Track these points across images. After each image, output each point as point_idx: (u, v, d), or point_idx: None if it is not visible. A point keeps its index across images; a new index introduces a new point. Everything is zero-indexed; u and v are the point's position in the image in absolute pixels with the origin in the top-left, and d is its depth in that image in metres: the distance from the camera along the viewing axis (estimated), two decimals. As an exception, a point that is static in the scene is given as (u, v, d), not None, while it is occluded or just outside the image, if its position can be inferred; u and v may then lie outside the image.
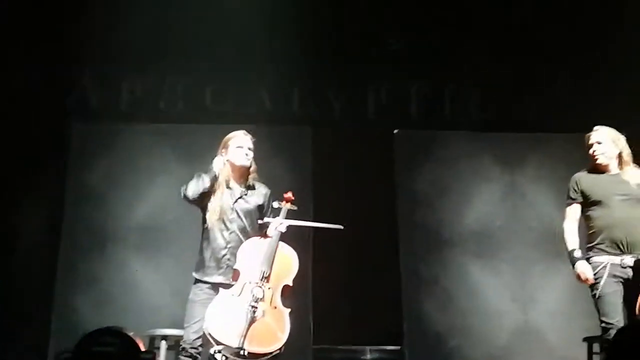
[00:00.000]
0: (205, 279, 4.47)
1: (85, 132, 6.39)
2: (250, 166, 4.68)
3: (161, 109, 6.64)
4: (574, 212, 4.61)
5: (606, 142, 4.61)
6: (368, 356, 6.07)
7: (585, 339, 4.50)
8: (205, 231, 4.59)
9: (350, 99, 6.82)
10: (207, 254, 4.53)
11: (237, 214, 4.56)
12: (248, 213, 4.59)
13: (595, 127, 4.68)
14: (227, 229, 4.53)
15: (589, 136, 4.67)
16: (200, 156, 5.56)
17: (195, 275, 4.54)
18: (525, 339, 6.05)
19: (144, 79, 6.66)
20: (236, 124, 6.21)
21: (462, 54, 6.65)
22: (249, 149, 4.67)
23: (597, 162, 4.60)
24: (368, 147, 6.53)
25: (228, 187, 4.59)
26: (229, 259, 4.47)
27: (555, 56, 6.60)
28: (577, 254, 4.47)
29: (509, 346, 6.04)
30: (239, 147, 4.64)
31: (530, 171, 6.42)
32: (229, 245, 4.50)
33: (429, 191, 6.37)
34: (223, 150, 4.66)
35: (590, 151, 4.62)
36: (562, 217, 4.64)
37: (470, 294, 6.15)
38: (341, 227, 4.63)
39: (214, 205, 4.53)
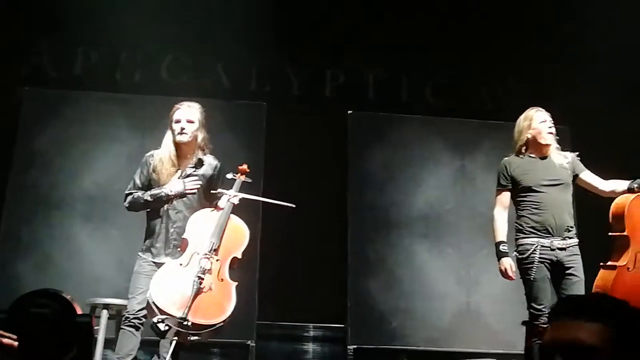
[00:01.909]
0: (153, 260, 4.39)
1: (36, 96, 6.25)
2: (195, 140, 4.48)
3: (117, 78, 6.53)
4: (504, 199, 4.63)
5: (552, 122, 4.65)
6: (311, 333, 6.12)
7: (523, 323, 4.58)
8: (151, 210, 4.49)
9: (307, 77, 6.82)
10: (154, 235, 4.45)
11: None
12: (196, 191, 4.49)
13: (536, 107, 4.68)
14: (175, 208, 4.45)
15: (537, 112, 4.65)
16: (153, 127, 5.54)
17: (141, 255, 4.46)
18: (467, 321, 6.16)
19: (100, 48, 6.54)
20: (191, 97, 6.21)
21: (420, 39, 6.70)
22: (189, 121, 4.44)
23: (547, 142, 4.59)
24: (322, 127, 6.55)
25: (174, 165, 4.45)
26: (175, 240, 4.40)
27: (509, 46, 6.68)
28: (504, 248, 4.53)
29: (451, 328, 6.14)
30: (176, 121, 4.45)
31: (480, 157, 6.51)
32: (175, 226, 4.42)
33: (380, 173, 6.41)
34: (167, 128, 4.51)
35: (544, 127, 4.59)
36: (512, 206, 4.67)
37: (415, 276, 6.23)
38: (293, 205, 4.61)
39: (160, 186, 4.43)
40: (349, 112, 6.48)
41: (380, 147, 6.46)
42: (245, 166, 4.70)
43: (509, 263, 4.51)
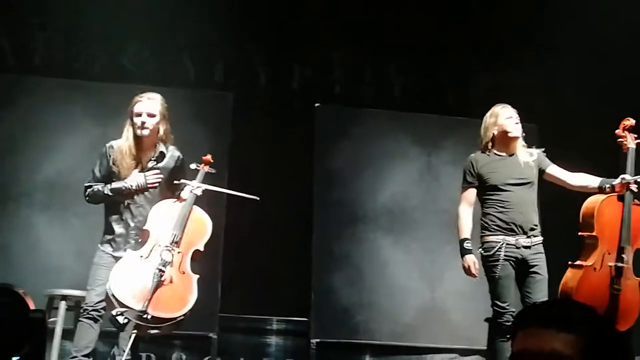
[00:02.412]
0: (112, 254, 4.31)
1: (-6, 82, 6.09)
2: (156, 133, 4.37)
3: (78, 64, 6.39)
4: (470, 196, 4.61)
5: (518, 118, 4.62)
6: (274, 326, 6.08)
7: (487, 320, 4.59)
8: (111, 203, 4.40)
9: (275, 69, 6.75)
10: (114, 229, 4.37)
11: None
12: (158, 184, 4.39)
13: (502, 104, 4.66)
14: (135, 202, 4.36)
15: (504, 108, 4.61)
16: (116, 115, 5.41)
17: (101, 247, 4.37)
18: (430, 317, 6.17)
19: (62, 34, 6.39)
20: (156, 86, 6.11)
21: (388, 34, 6.67)
22: (150, 114, 4.31)
23: (514, 134, 4.55)
24: (289, 119, 6.50)
25: (134, 158, 4.35)
26: (136, 235, 4.32)
27: (477, 42, 6.69)
28: (468, 245, 4.51)
29: (414, 323, 6.15)
30: (137, 114, 4.32)
31: (445, 153, 6.51)
32: (136, 220, 4.34)
33: (346, 167, 6.38)
34: (126, 119, 4.39)
35: (510, 123, 4.55)
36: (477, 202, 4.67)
37: (379, 271, 6.22)
38: (257, 198, 4.56)
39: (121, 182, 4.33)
40: (316, 104, 6.43)
41: (347, 141, 6.43)
42: (209, 157, 4.64)
43: (472, 260, 4.51)
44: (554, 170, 4.61)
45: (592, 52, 6.22)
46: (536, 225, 4.52)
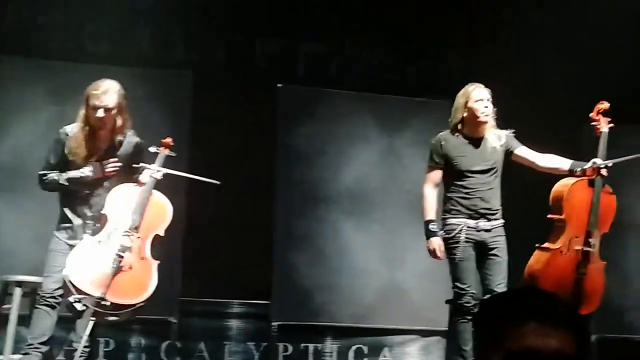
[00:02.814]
0: (68, 242, 4.22)
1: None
2: (114, 124, 4.26)
3: (35, 43, 6.21)
4: (436, 176, 4.57)
5: (490, 100, 4.52)
6: (234, 310, 6.05)
7: (447, 301, 4.62)
8: (67, 192, 4.30)
9: (237, 46, 6.64)
10: (69, 218, 4.27)
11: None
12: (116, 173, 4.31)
13: (475, 84, 4.55)
14: (92, 192, 4.26)
15: (475, 90, 4.49)
16: (73, 95, 5.27)
17: (57, 234, 4.28)
18: (391, 298, 6.18)
19: (18, 10, 6.19)
20: (113, 65, 5.98)
21: (353, 14, 6.61)
22: (106, 109, 4.16)
23: (483, 120, 4.48)
24: (251, 99, 6.41)
25: (91, 147, 4.24)
26: (94, 225, 4.22)
27: (444, 24, 6.67)
28: (434, 227, 4.50)
29: (375, 305, 6.16)
30: (93, 107, 4.17)
31: (408, 135, 6.49)
32: (94, 210, 4.24)
33: (308, 148, 6.33)
34: (82, 107, 4.24)
35: (480, 106, 4.45)
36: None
37: (340, 252, 6.21)
38: (218, 182, 4.50)
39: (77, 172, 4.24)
40: (279, 85, 6.35)
41: (309, 122, 6.36)
42: (169, 139, 4.55)
43: (438, 243, 4.50)
44: (523, 152, 4.58)
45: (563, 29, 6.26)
46: (497, 210, 4.54)
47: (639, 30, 6.11)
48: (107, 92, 4.18)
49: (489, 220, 4.49)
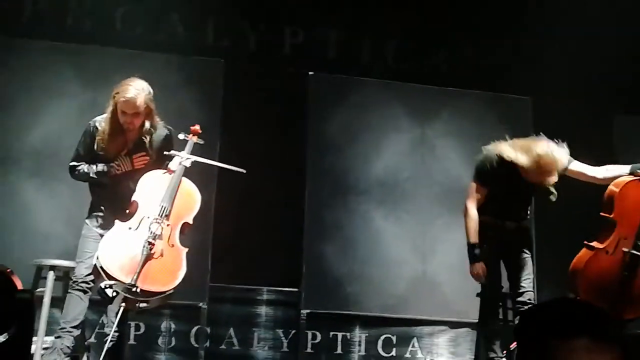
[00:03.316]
0: (100, 231, 4.25)
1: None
2: (142, 127, 4.26)
3: (67, 26, 6.23)
4: (481, 195, 4.43)
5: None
6: (264, 296, 6.06)
7: (479, 295, 4.58)
8: (97, 183, 4.35)
9: (266, 33, 6.61)
10: (100, 207, 4.33)
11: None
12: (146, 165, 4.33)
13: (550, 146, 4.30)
14: (122, 183, 4.29)
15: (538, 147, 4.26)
16: (105, 81, 5.31)
17: (87, 222, 4.33)
18: (422, 289, 6.14)
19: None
20: (146, 51, 6.01)
21: (386, 2, 6.55)
22: (134, 114, 4.18)
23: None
24: (281, 87, 6.39)
25: (120, 141, 4.27)
26: (125, 212, 4.21)
27: (473, 13, 6.59)
28: (478, 252, 4.39)
29: (405, 295, 6.13)
30: (121, 112, 4.19)
31: (439, 125, 6.44)
32: (124, 200, 4.24)
33: (339, 137, 6.30)
34: (111, 102, 4.25)
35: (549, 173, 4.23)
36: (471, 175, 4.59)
37: (371, 242, 6.17)
38: (244, 171, 4.49)
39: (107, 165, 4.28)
40: (310, 73, 6.32)
41: (340, 111, 6.32)
42: (197, 127, 4.55)
43: (482, 268, 4.39)
44: (577, 167, 4.42)
45: (588, 26, 6.13)
46: (526, 214, 4.52)
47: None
48: (135, 96, 4.17)
49: (517, 221, 4.50)
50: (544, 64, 6.36)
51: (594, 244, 4.32)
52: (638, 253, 4.21)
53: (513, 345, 4.40)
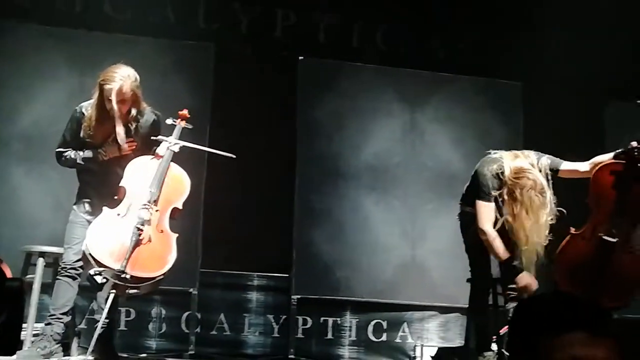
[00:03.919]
0: (88, 217, 4.24)
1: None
2: (129, 114, 4.23)
3: (57, 10, 6.17)
4: (493, 212, 4.25)
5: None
6: (255, 282, 6.07)
7: (469, 280, 4.59)
8: (85, 168, 4.33)
9: (257, 15, 6.56)
10: (89, 191, 4.32)
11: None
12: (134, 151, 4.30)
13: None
14: (109, 169, 4.26)
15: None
16: (94, 65, 5.26)
17: (75, 208, 4.32)
18: (411, 275, 6.16)
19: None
20: (135, 35, 5.96)
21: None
22: (121, 101, 4.13)
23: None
24: (272, 71, 6.36)
25: (107, 127, 4.22)
26: (113, 198, 4.19)
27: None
28: (518, 262, 4.25)
29: (395, 280, 6.14)
30: (107, 98, 4.12)
31: (430, 111, 6.43)
32: (111, 185, 4.21)
33: (329, 122, 6.28)
34: (97, 88, 4.20)
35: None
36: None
37: (361, 228, 6.18)
38: (233, 156, 4.46)
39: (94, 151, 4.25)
40: (300, 58, 6.29)
41: (331, 96, 6.30)
42: (185, 111, 4.51)
43: (530, 276, 4.24)
44: (568, 166, 4.35)
45: (582, 13, 6.12)
46: None
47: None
48: (122, 85, 4.12)
49: None
50: (536, 50, 6.34)
51: (572, 230, 4.26)
52: (610, 239, 4.08)
53: (503, 330, 4.42)
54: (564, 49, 6.30)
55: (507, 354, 4.13)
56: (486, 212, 4.24)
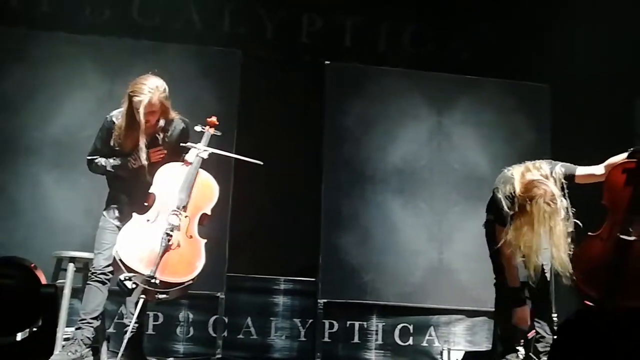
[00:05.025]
0: (117, 223, 4.30)
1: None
2: (157, 125, 4.30)
3: (85, 17, 6.26)
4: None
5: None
6: (281, 286, 6.09)
7: (496, 284, 4.57)
8: (114, 176, 4.40)
9: (283, 21, 6.60)
10: (119, 197, 4.38)
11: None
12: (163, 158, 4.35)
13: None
14: (139, 177, 4.30)
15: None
16: (122, 71, 5.37)
17: (105, 214, 4.38)
18: (439, 278, 6.15)
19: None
20: (163, 42, 6.04)
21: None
22: (149, 113, 4.18)
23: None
24: (298, 76, 6.39)
25: (137, 136, 4.24)
26: (143, 204, 4.23)
27: (493, 1, 6.54)
28: (523, 294, 4.29)
29: (422, 284, 6.14)
30: (136, 109, 4.17)
31: (457, 113, 6.42)
32: (140, 192, 4.26)
33: (356, 126, 6.29)
34: (125, 100, 4.25)
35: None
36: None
37: (388, 231, 6.18)
38: (261, 163, 4.49)
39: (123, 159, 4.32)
40: (327, 62, 6.31)
41: (357, 100, 6.32)
42: (214, 118, 4.55)
43: (527, 313, 4.30)
44: (584, 170, 4.32)
45: (609, 14, 6.07)
46: None
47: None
48: (150, 98, 4.17)
49: None
50: (563, 50, 6.30)
51: (591, 232, 4.22)
52: (627, 237, 4.04)
53: (531, 335, 4.40)
54: (591, 49, 6.24)
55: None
56: (503, 237, 4.22)
